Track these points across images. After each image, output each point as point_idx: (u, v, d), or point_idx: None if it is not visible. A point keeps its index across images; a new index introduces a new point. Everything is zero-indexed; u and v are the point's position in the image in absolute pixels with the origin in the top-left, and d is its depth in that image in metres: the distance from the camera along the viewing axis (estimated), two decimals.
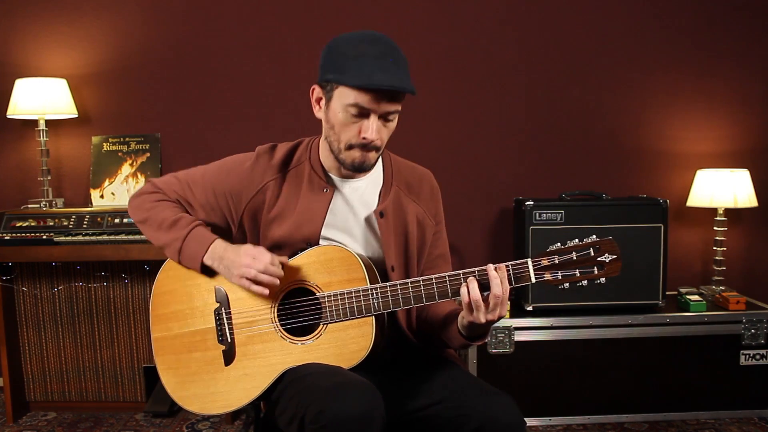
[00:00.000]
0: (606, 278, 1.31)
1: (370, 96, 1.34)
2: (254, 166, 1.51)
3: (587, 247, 1.30)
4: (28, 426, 2.63)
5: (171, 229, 1.49)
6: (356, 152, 1.40)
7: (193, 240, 1.47)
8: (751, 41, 2.93)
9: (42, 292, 2.69)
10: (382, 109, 1.36)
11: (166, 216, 1.51)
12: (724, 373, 2.55)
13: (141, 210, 1.56)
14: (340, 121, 1.38)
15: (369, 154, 1.41)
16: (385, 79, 1.31)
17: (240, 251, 1.43)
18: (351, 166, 1.42)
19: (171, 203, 1.55)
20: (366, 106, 1.35)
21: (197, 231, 1.48)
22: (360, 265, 1.40)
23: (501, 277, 1.30)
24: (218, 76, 2.94)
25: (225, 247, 1.46)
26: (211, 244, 1.46)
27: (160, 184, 1.58)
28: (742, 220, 2.99)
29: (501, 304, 1.31)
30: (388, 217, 1.50)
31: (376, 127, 1.37)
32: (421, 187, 1.58)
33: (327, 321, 1.40)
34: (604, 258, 1.30)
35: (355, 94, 1.34)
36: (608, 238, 1.31)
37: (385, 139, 1.42)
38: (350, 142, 1.39)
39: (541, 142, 2.97)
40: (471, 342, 1.42)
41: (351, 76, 1.32)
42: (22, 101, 2.69)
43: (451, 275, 1.34)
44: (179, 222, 1.50)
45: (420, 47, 2.90)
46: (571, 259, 1.30)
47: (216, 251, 1.45)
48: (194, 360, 1.49)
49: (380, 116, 1.37)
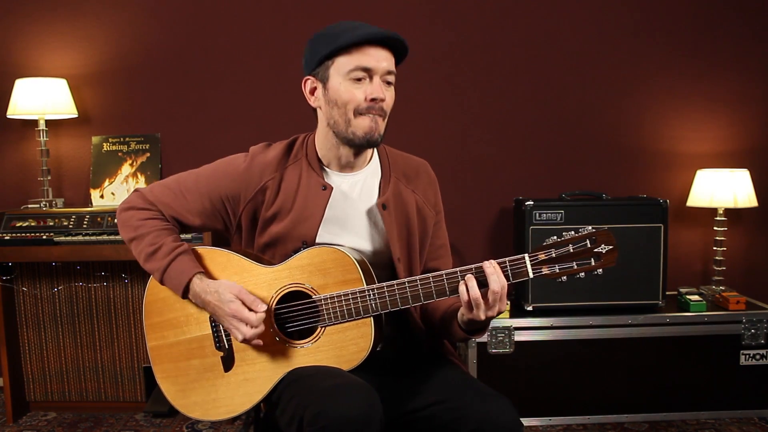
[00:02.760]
0: (603, 269, 1.30)
1: (370, 52, 1.38)
2: (250, 167, 1.50)
3: (583, 238, 1.30)
4: (28, 426, 2.63)
5: (152, 258, 1.47)
6: (366, 119, 1.41)
7: (172, 273, 1.45)
8: (751, 41, 2.93)
9: (42, 292, 2.69)
10: (382, 66, 1.39)
11: (148, 242, 1.48)
12: (724, 373, 2.55)
13: (128, 228, 1.52)
14: (343, 92, 1.40)
15: (378, 120, 1.41)
16: (379, 31, 1.38)
17: (224, 305, 1.40)
18: (363, 137, 1.42)
19: (158, 222, 1.51)
20: (367, 65, 1.38)
21: (177, 263, 1.45)
22: (355, 265, 1.39)
23: (498, 273, 1.30)
24: (218, 76, 2.94)
25: (204, 288, 1.43)
26: (190, 281, 1.44)
27: (150, 197, 1.53)
28: (742, 220, 2.99)
29: (500, 300, 1.31)
30: (390, 209, 1.49)
31: (380, 86, 1.40)
32: (419, 177, 1.58)
33: (325, 324, 1.40)
34: (601, 249, 1.30)
35: (354, 57, 1.38)
36: (604, 228, 1.31)
37: (390, 104, 1.44)
38: (359, 108, 1.40)
39: (541, 142, 2.97)
40: (471, 336, 1.43)
41: (346, 38, 1.38)
42: (22, 101, 2.69)
43: (449, 273, 1.34)
44: (160, 251, 1.47)
45: (420, 47, 2.90)
46: (568, 251, 1.30)
47: (195, 290, 1.44)
48: (193, 367, 1.48)
49: (382, 77, 1.40)
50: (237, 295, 1.40)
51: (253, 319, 1.38)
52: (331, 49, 1.40)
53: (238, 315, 1.39)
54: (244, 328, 1.38)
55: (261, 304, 1.40)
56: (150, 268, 1.49)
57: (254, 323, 1.38)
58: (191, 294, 1.45)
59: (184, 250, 1.48)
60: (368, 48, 1.39)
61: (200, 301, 1.45)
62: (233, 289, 1.41)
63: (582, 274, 1.31)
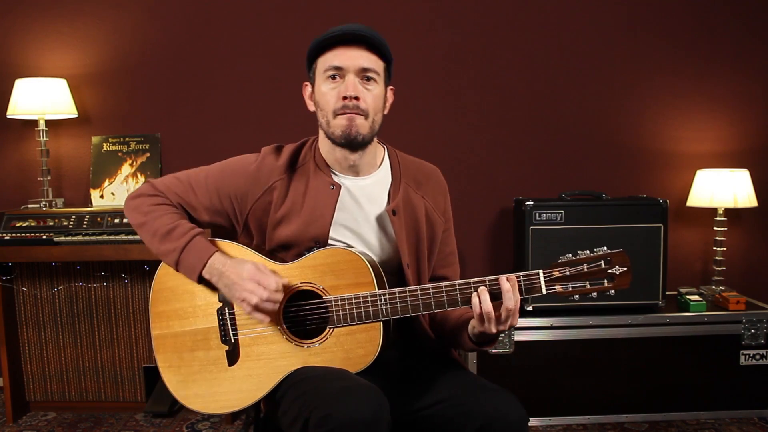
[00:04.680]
0: (616, 291, 1.30)
1: (341, 51, 1.39)
2: (260, 167, 1.50)
3: (598, 259, 1.29)
4: (28, 426, 2.63)
5: (167, 238, 1.45)
6: (342, 119, 1.40)
7: (190, 252, 1.43)
8: (751, 41, 2.93)
9: (42, 292, 2.69)
10: (354, 63, 1.39)
11: (163, 223, 1.46)
12: (724, 373, 2.55)
13: (138, 213, 1.50)
14: (323, 93, 1.42)
15: (355, 119, 1.40)
16: (346, 28, 1.39)
17: (242, 271, 1.38)
18: (341, 136, 1.41)
19: (170, 207, 1.50)
20: (338, 63, 1.40)
21: (195, 242, 1.44)
22: (368, 269, 1.39)
23: (515, 289, 1.29)
24: (218, 76, 2.94)
25: (224, 262, 1.41)
26: (210, 258, 1.42)
27: (159, 186, 1.53)
28: (742, 220, 2.98)
29: (512, 316, 1.30)
30: (400, 215, 1.49)
31: (354, 83, 1.39)
32: (429, 184, 1.57)
33: (334, 325, 1.39)
34: (615, 270, 1.29)
35: (327, 57, 1.41)
36: (619, 250, 1.30)
37: (369, 103, 1.41)
38: (335, 109, 1.41)
39: (541, 142, 2.97)
40: (480, 348, 1.43)
41: (318, 40, 1.41)
42: (22, 101, 2.69)
43: (462, 284, 1.33)
44: (176, 230, 1.45)
45: (420, 47, 2.91)
46: (582, 270, 1.29)
47: (215, 266, 1.41)
48: (197, 359, 1.48)
49: (357, 75, 1.40)
50: (257, 267, 1.39)
51: (272, 282, 1.36)
52: (311, 53, 1.44)
53: (257, 277, 1.36)
54: (261, 291, 1.35)
55: (281, 277, 1.39)
56: (165, 249, 1.45)
57: (273, 287, 1.35)
58: (207, 270, 1.42)
59: (201, 231, 1.47)
60: (340, 48, 1.40)
61: (216, 273, 1.41)
62: (255, 263, 1.40)
63: (594, 294, 1.30)
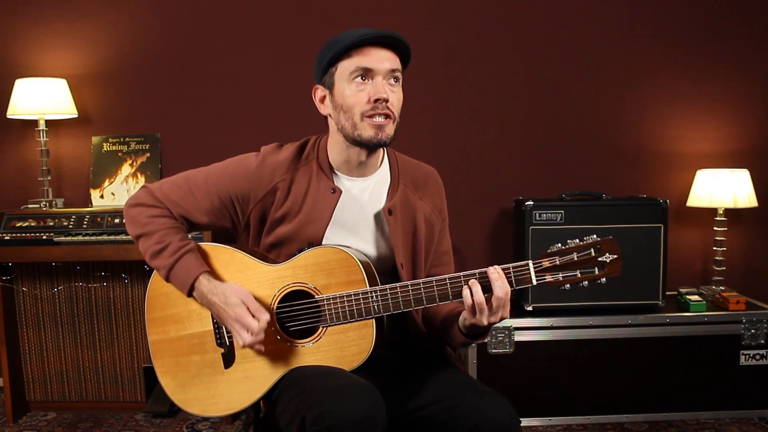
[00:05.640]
0: (607, 278, 1.30)
1: (369, 53, 1.39)
2: (261, 167, 1.49)
3: (588, 247, 1.30)
4: (28, 426, 2.63)
5: (159, 256, 1.48)
6: (372, 122, 1.40)
7: (177, 274, 1.46)
8: (751, 41, 2.93)
9: (42, 292, 2.69)
10: (384, 66, 1.39)
11: (155, 240, 1.49)
12: (724, 373, 2.55)
13: (135, 224, 1.53)
14: (349, 96, 1.40)
15: (386, 123, 1.40)
16: (377, 31, 1.38)
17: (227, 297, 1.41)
18: (369, 139, 1.41)
19: (166, 221, 1.51)
20: (368, 65, 1.39)
21: (180, 264, 1.46)
22: (359, 267, 1.39)
23: (503, 279, 1.30)
24: (218, 76, 2.94)
25: (210, 289, 1.44)
26: (195, 282, 1.45)
27: (158, 194, 1.53)
28: (742, 220, 2.98)
29: (503, 306, 1.31)
30: (396, 215, 1.50)
31: (383, 85, 1.39)
32: (427, 185, 1.59)
33: (327, 324, 1.40)
34: (605, 258, 1.29)
35: (354, 59, 1.39)
36: (609, 237, 1.30)
37: (397, 107, 1.43)
38: (364, 111, 1.40)
39: (541, 142, 2.97)
40: (472, 341, 1.43)
41: (344, 42, 1.39)
42: (22, 101, 2.69)
43: (452, 278, 1.34)
44: (165, 250, 1.48)
45: (420, 47, 2.88)
46: (572, 259, 1.30)
47: (201, 291, 1.45)
48: (193, 363, 1.49)
49: (385, 78, 1.40)
50: (243, 301, 1.41)
51: (255, 327, 1.38)
52: (332, 55, 1.41)
53: (241, 320, 1.39)
54: (245, 335, 1.39)
55: (264, 313, 1.40)
56: (156, 265, 1.49)
57: (255, 331, 1.38)
58: (196, 293, 1.46)
59: (191, 248, 1.48)
60: (368, 49, 1.39)
61: (205, 301, 1.45)
62: (240, 294, 1.42)
63: (585, 282, 1.30)
